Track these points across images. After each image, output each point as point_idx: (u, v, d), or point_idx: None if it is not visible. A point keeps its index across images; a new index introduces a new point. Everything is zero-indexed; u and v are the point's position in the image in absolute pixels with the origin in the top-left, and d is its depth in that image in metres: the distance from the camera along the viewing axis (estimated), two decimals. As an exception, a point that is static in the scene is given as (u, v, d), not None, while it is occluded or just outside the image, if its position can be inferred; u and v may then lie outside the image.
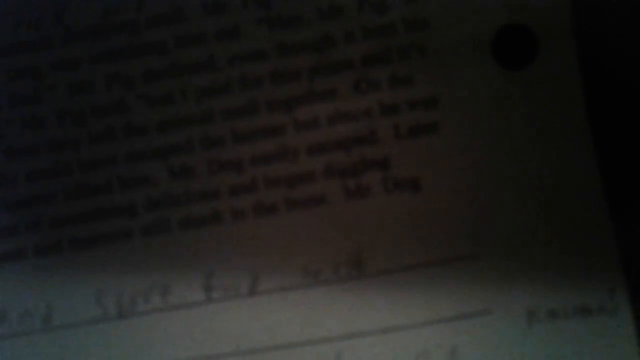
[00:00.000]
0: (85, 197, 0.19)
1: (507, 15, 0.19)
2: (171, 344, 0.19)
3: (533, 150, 0.19)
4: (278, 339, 0.19)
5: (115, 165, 0.19)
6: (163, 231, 0.19)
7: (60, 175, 0.20)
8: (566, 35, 0.18)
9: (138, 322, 0.19)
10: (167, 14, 0.19)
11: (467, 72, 0.19)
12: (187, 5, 0.19)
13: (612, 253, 0.18)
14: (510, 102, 0.19)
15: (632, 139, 0.18)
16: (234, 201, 0.19)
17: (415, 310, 0.19)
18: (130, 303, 0.19)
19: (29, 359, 0.19)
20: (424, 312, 0.18)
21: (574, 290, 0.18)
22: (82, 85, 0.20)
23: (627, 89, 0.18)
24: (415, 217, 0.19)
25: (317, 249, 0.19)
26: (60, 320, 0.19)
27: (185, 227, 0.19)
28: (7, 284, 0.20)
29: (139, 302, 0.19)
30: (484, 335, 0.18)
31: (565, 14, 0.18)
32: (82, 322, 0.19)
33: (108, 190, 0.19)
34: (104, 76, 0.20)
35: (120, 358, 0.19)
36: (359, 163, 0.19)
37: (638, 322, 0.18)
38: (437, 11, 0.19)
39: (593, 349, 0.18)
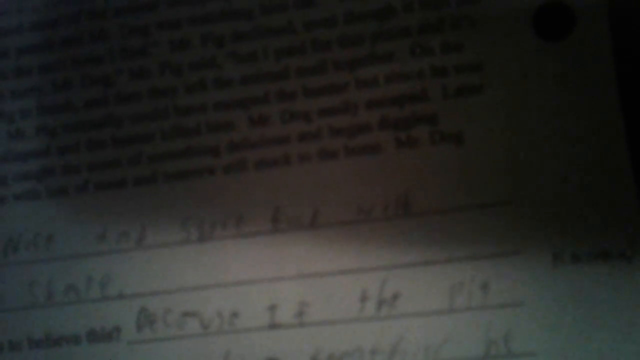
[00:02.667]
0: (178, 137, 0.21)
1: (548, -8, 0.20)
2: (242, 266, 0.21)
3: (566, 112, 0.19)
4: (333, 265, 0.20)
5: (204, 111, 0.21)
6: (241, 170, 0.21)
7: (159, 118, 0.21)
8: (601, 12, 0.19)
9: (215, 246, 0.21)
10: (255, -16, 0.21)
11: (511, 42, 0.20)
12: (272, -23, 0.21)
13: (633, 205, 0.19)
14: (547, 69, 0.20)
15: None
16: (302, 147, 0.21)
17: (453, 247, 0.20)
18: (210, 229, 0.21)
19: (123, 273, 0.21)
20: (461, 249, 0.20)
21: (597, 237, 0.19)
22: (181, 42, 0.21)
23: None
24: (457, 167, 0.20)
25: (370, 190, 0.20)
26: (151, 241, 0.21)
27: (260, 167, 0.21)
28: (108, 208, 0.22)
29: (217, 229, 0.21)
30: (513, 273, 0.19)
31: (601, -6, 0.19)
32: (169, 243, 0.21)
33: (197, 133, 0.21)
34: (199, 36, 0.21)
35: (198, 275, 0.21)
36: (410, 117, 0.20)
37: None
38: (486, -12, 0.20)
39: (612, 291, 0.19)
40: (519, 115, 0.20)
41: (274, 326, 0.21)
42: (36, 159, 0.22)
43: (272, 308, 0.21)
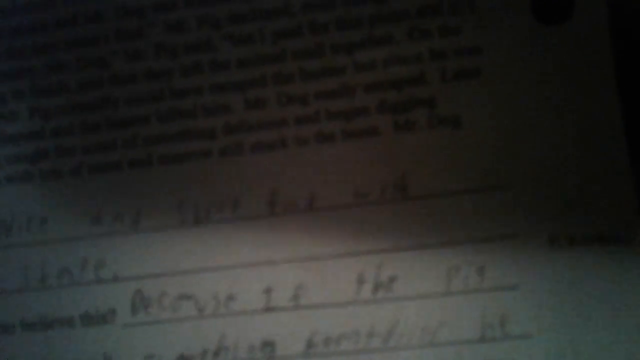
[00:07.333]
0: (174, 120, 0.21)
1: (547, -24, 0.20)
2: (238, 249, 0.21)
3: (563, 96, 0.19)
4: (330, 249, 0.20)
5: (200, 94, 0.21)
6: (237, 153, 0.21)
7: (154, 100, 0.21)
8: (599, -3, 0.19)
9: (211, 230, 0.21)
10: (253, -35, 0.21)
11: (509, 26, 0.20)
12: (270, -42, 0.21)
13: (628, 189, 0.19)
14: (545, 53, 0.20)
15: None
16: (299, 130, 0.21)
17: (450, 231, 0.20)
18: (205, 213, 0.21)
19: (118, 256, 0.21)
20: (457, 233, 0.20)
21: (593, 220, 0.19)
22: (177, 24, 0.21)
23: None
24: (455, 150, 0.20)
25: (367, 173, 0.20)
26: (146, 224, 0.21)
27: (256, 150, 0.21)
28: (103, 191, 0.21)
29: (212, 213, 0.21)
30: (509, 256, 0.19)
31: (599, -22, 0.19)
32: (164, 227, 0.21)
33: (193, 116, 0.21)
34: (195, 18, 0.21)
35: (194, 258, 0.21)
36: (408, 101, 0.20)
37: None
38: (486, -29, 0.20)
39: (607, 273, 0.19)
40: (517, 99, 0.20)
41: (269, 309, 0.21)
42: (29, 141, 0.22)
43: (268, 291, 0.21)
